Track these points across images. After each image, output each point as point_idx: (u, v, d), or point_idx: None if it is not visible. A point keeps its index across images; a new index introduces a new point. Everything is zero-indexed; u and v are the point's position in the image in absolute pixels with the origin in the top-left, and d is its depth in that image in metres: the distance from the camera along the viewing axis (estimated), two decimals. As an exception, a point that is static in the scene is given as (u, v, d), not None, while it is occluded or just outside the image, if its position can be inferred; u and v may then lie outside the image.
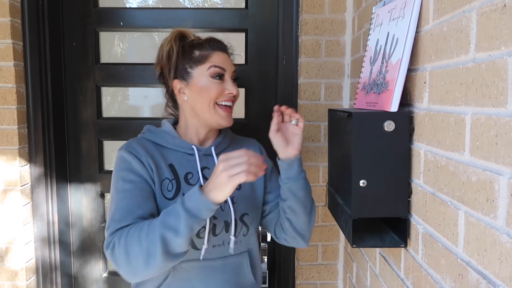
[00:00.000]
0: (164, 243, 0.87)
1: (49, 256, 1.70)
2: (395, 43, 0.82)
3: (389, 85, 0.85)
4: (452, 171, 0.73)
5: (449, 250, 0.74)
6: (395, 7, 0.80)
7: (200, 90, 1.08)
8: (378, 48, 0.84)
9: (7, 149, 1.55)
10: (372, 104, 0.92)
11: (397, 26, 0.80)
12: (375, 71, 0.86)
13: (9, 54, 1.52)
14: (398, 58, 0.82)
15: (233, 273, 1.10)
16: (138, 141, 1.10)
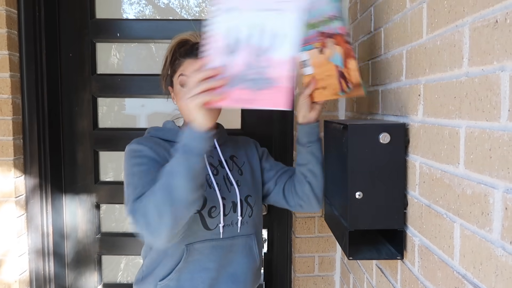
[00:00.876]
0: (168, 189, 0.90)
1: (43, 268, 1.69)
2: (274, 38, 0.78)
3: (276, 81, 0.79)
4: (447, 184, 0.73)
5: (445, 262, 0.74)
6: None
7: (177, 97, 1.14)
8: (239, 37, 0.79)
9: (2, 160, 1.54)
10: (247, 101, 0.83)
11: (272, 20, 0.76)
12: (238, 64, 0.80)
13: (5, 65, 1.52)
14: (287, 55, 0.78)
15: (243, 254, 1.15)
16: (146, 138, 1.14)
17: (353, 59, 0.99)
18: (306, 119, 1.14)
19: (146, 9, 1.86)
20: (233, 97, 0.82)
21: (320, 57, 1.05)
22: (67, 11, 1.72)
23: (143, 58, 1.85)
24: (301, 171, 1.18)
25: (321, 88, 1.08)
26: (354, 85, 1.01)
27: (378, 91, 1.15)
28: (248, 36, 0.79)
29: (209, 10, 0.79)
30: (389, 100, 1.06)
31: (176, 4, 1.84)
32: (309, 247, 1.65)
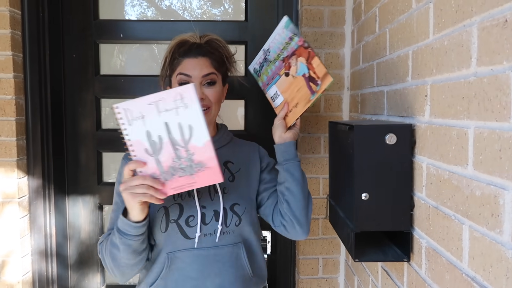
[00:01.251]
0: (114, 258, 1.06)
1: (46, 270, 1.68)
2: (190, 129, 0.91)
3: (207, 163, 0.93)
4: (455, 185, 0.73)
5: (454, 265, 0.73)
6: (161, 99, 0.88)
7: None
8: (156, 138, 0.91)
9: (5, 161, 1.54)
10: (189, 185, 0.96)
11: (180, 115, 0.89)
12: (166, 159, 0.93)
13: (8, 65, 1.52)
14: (206, 139, 0.91)
15: (228, 264, 1.13)
16: None
17: (315, 57, 1.07)
18: (282, 139, 1.15)
19: (148, 11, 1.85)
20: (174, 185, 0.95)
21: (287, 80, 1.16)
22: (70, 12, 1.72)
23: (145, 59, 1.84)
24: (279, 190, 1.19)
25: (293, 108, 1.15)
26: (322, 78, 1.06)
27: (383, 92, 1.14)
28: (167, 134, 0.91)
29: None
30: (394, 101, 1.05)
31: (178, 6, 1.84)
32: (313, 249, 1.64)
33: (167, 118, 0.90)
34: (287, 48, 1.15)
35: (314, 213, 1.62)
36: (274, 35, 1.20)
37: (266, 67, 1.24)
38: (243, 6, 1.78)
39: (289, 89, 1.16)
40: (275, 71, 1.21)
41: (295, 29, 1.13)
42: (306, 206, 1.17)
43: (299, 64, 1.12)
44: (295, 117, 1.15)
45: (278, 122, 1.17)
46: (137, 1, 1.82)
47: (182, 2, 1.84)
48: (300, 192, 1.14)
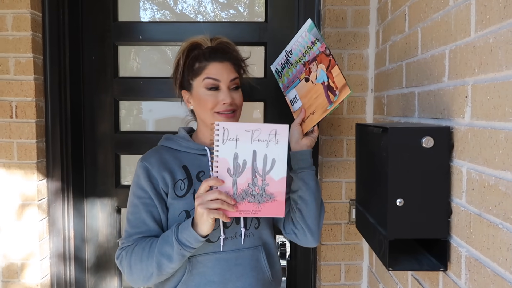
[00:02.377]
0: (159, 267, 1.04)
1: (64, 273, 1.67)
2: (272, 162, 1.00)
3: (276, 196, 1.01)
4: (503, 192, 0.68)
5: (501, 276, 0.69)
6: (258, 130, 0.98)
7: (200, 100, 1.14)
8: (241, 162, 0.99)
9: (25, 163, 1.53)
10: (253, 211, 1.02)
11: (269, 148, 0.99)
12: (243, 182, 1.00)
13: (29, 68, 1.51)
14: (283, 175, 1.00)
15: (249, 267, 1.13)
16: (156, 150, 1.20)
17: (335, 66, 1.07)
18: (299, 146, 1.15)
19: (163, 14, 1.84)
20: (241, 208, 1.01)
21: (306, 86, 1.15)
22: (90, 14, 1.71)
23: (161, 61, 1.83)
24: (292, 198, 1.18)
25: (310, 115, 1.14)
26: (340, 88, 1.05)
27: (414, 93, 1.10)
28: (252, 161, 0.99)
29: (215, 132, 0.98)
30: (428, 103, 1.01)
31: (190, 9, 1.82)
32: (335, 255, 1.59)
33: (257, 147, 0.99)
34: (309, 52, 1.14)
35: (336, 218, 1.58)
36: (297, 37, 1.17)
37: (287, 69, 1.23)
38: (257, 10, 1.75)
39: (308, 95, 1.15)
40: (295, 74, 1.19)
41: (318, 33, 1.11)
42: (319, 215, 1.17)
43: (319, 71, 1.11)
44: (312, 124, 1.14)
45: (295, 128, 1.16)
46: (149, 5, 1.80)
47: (196, 5, 1.82)
48: (313, 201, 1.14)
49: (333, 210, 1.58)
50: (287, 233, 1.23)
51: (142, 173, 1.14)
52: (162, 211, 1.13)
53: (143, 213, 1.12)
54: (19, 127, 1.52)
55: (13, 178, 1.53)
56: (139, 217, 1.12)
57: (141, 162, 1.16)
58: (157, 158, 1.16)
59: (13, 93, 1.51)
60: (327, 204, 1.57)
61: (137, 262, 1.06)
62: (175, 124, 1.82)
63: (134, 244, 1.10)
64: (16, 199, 1.53)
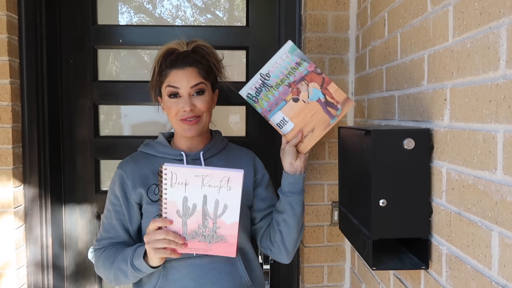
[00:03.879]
0: (117, 279, 1.12)
1: (42, 282, 1.62)
2: (224, 207, 0.99)
3: (227, 238, 1.02)
4: (481, 191, 0.71)
5: (481, 272, 0.71)
6: (209, 175, 0.96)
7: (166, 107, 1.18)
8: (191, 205, 0.98)
9: (1, 169, 1.48)
10: (204, 249, 1.04)
11: (221, 194, 0.97)
12: (193, 223, 1.00)
13: (5, 71, 1.47)
14: (235, 219, 0.99)
15: (224, 272, 1.13)
16: (133, 157, 1.24)
17: (331, 83, 1.12)
18: (293, 168, 1.16)
19: (142, 18, 1.82)
20: (191, 246, 1.02)
21: (297, 105, 1.17)
22: (68, 17, 1.68)
23: (140, 65, 1.81)
24: (275, 217, 1.21)
25: (309, 133, 1.16)
26: (342, 102, 1.11)
27: (394, 97, 1.13)
28: (202, 204, 0.98)
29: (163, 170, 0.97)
30: (407, 106, 1.04)
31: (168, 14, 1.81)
32: (317, 257, 1.61)
33: (207, 192, 0.97)
34: (294, 73, 1.16)
35: (318, 220, 1.59)
36: (275, 59, 1.18)
37: (266, 92, 1.20)
38: (236, 14, 1.77)
39: (301, 115, 1.16)
40: (278, 96, 1.18)
41: (303, 54, 1.14)
42: (297, 238, 1.21)
43: (311, 90, 1.14)
44: (313, 142, 1.16)
45: (290, 149, 1.16)
46: (127, 9, 1.79)
47: (174, 10, 1.81)
48: (295, 226, 1.17)
49: (316, 212, 1.59)
50: (263, 247, 1.26)
51: (117, 180, 1.19)
52: (130, 219, 1.17)
53: (114, 219, 1.19)
54: (-6, 132, 1.47)
55: (-13, 185, 1.48)
56: (110, 223, 1.19)
57: (118, 169, 1.21)
58: (132, 165, 1.20)
59: (-12, 97, 1.46)
60: (309, 206, 1.58)
61: (102, 267, 1.15)
62: (155, 128, 1.80)
63: (103, 249, 1.18)
64: (-9, 207, 1.48)
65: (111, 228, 1.19)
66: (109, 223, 1.20)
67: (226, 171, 0.96)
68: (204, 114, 1.16)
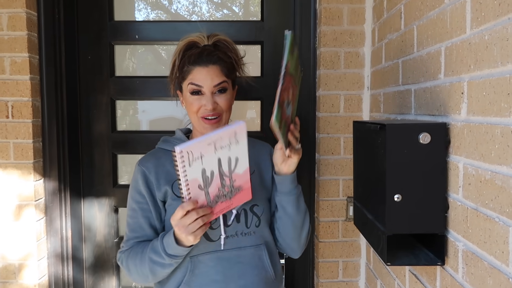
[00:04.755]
0: (154, 273, 1.08)
1: (62, 273, 1.66)
2: (236, 160, 1.00)
3: (243, 186, 1.03)
4: (499, 186, 0.69)
5: (498, 269, 0.70)
6: (219, 138, 0.95)
7: (187, 103, 1.15)
8: (209, 174, 0.97)
9: (22, 163, 1.52)
10: (227, 207, 1.04)
11: (231, 150, 0.98)
12: (214, 190, 0.99)
13: (25, 67, 1.51)
14: (245, 167, 1.02)
15: (250, 265, 1.12)
16: (153, 154, 1.21)
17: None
18: (281, 171, 1.12)
19: (158, 14, 1.84)
20: (216, 211, 1.02)
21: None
22: (85, 13, 1.71)
23: (157, 61, 1.83)
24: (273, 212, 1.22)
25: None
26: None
27: (410, 90, 1.11)
28: (218, 167, 0.98)
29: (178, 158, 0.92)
30: (424, 99, 1.02)
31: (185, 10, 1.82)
32: (332, 252, 1.60)
33: (220, 154, 0.97)
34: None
35: (334, 216, 1.59)
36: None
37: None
38: (252, 10, 1.76)
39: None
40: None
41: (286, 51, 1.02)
42: (297, 238, 1.18)
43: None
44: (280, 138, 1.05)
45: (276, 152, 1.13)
46: (144, 5, 1.80)
47: (191, 6, 1.82)
48: (290, 226, 1.16)
49: (331, 207, 1.59)
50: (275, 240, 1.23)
51: (140, 177, 1.15)
52: (157, 217, 1.15)
53: (140, 218, 1.14)
54: (15, 127, 1.51)
55: (10, 178, 1.52)
56: (137, 222, 1.15)
57: (139, 166, 1.17)
58: (153, 161, 1.17)
59: (9, 93, 1.51)
60: (324, 201, 1.58)
61: (133, 266, 1.11)
62: (171, 124, 1.82)
63: (130, 248, 1.14)
64: (13, 200, 1.53)
65: (138, 227, 1.14)
66: (135, 222, 1.15)
67: (231, 127, 0.96)
68: (225, 113, 1.15)
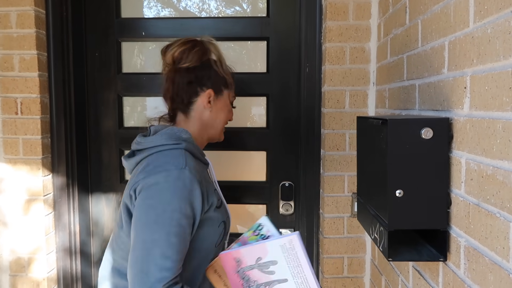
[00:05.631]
0: None
1: (71, 267, 1.69)
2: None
3: None
4: (500, 181, 0.69)
5: (499, 265, 0.70)
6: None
7: (222, 110, 1.16)
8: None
9: (30, 159, 1.55)
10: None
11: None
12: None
13: (34, 64, 1.53)
14: None
15: None
16: (191, 159, 1.01)
17: None
18: None
19: (166, 11, 1.84)
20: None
21: None
22: (93, 11, 1.72)
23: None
24: None
25: None
26: None
27: (415, 86, 1.10)
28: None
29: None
30: (428, 95, 1.01)
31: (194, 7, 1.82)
32: (337, 248, 1.60)
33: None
34: None
35: (338, 212, 1.59)
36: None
37: None
38: (260, 6, 1.76)
39: None
40: None
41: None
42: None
43: None
44: None
45: None
46: (154, 3, 1.81)
47: (200, 3, 1.82)
48: None
49: (336, 203, 1.58)
50: None
51: (196, 188, 0.95)
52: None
53: (188, 236, 0.95)
54: (24, 124, 1.54)
55: (19, 173, 1.55)
56: (184, 242, 0.93)
57: (190, 173, 0.95)
58: (197, 168, 1.00)
59: (18, 90, 1.53)
60: (329, 197, 1.58)
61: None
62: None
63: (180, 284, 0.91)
64: (22, 194, 1.56)
65: (185, 249, 0.94)
66: (181, 242, 0.92)
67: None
68: None
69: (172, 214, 0.91)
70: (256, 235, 0.99)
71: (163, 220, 0.90)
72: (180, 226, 0.91)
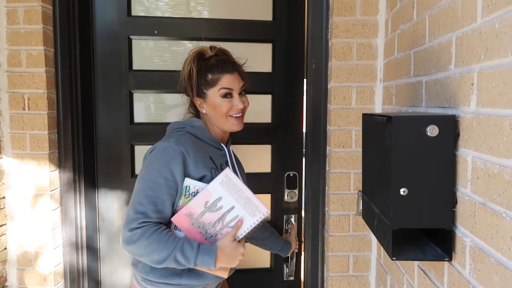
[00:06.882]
0: (166, 264, 1.12)
1: (77, 261, 1.71)
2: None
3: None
4: (507, 180, 0.67)
5: (504, 266, 0.68)
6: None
7: (215, 107, 1.26)
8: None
9: (37, 154, 1.56)
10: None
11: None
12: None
13: (41, 60, 1.54)
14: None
15: None
16: (188, 138, 1.23)
17: None
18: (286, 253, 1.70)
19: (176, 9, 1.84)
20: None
21: None
22: (101, 7, 1.73)
23: (180, 55, 1.84)
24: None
25: None
26: None
27: (421, 82, 1.08)
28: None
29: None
30: (434, 91, 0.99)
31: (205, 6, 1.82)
32: (343, 246, 1.59)
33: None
34: None
35: (344, 209, 1.57)
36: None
37: None
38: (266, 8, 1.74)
39: None
40: None
41: None
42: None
43: None
44: None
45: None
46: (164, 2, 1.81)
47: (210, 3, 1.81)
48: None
49: (341, 201, 1.57)
50: None
51: (178, 157, 1.15)
52: (177, 202, 1.19)
53: (165, 194, 1.14)
54: (31, 119, 1.55)
55: (26, 168, 1.57)
56: (159, 196, 1.14)
57: (177, 145, 1.16)
58: (192, 145, 1.20)
59: (25, 86, 1.54)
60: (335, 195, 1.57)
61: (148, 249, 1.10)
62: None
63: (149, 227, 1.11)
64: (29, 189, 1.57)
65: (159, 202, 1.13)
66: (157, 196, 1.13)
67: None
68: (245, 109, 1.31)
69: (152, 174, 1.15)
70: (187, 197, 1.18)
71: (144, 178, 1.16)
72: (156, 184, 1.14)
